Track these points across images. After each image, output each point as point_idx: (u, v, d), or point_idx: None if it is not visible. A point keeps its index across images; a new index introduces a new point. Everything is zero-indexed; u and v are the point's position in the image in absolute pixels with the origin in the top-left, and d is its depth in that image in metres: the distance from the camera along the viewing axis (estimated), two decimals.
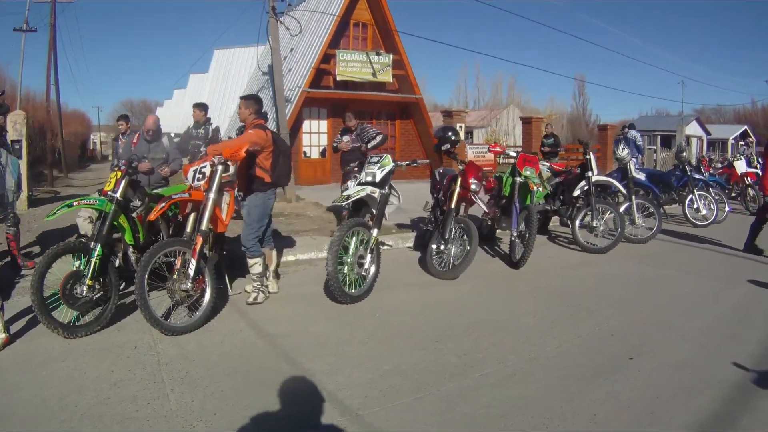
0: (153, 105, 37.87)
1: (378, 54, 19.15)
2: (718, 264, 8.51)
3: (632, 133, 16.61)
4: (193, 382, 4.22)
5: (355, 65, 18.96)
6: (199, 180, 5.90)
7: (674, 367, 4.60)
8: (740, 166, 15.60)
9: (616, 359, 4.77)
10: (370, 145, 9.98)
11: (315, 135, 19.60)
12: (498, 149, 9.21)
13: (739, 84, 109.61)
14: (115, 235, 5.88)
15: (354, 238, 6.51)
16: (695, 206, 12.12)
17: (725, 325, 5.65)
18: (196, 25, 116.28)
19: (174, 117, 30.75)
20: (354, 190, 6.79)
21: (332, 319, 5.79)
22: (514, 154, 8.74)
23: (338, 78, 18.91)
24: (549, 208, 10.40)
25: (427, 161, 8.13)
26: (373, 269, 6.69)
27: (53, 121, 30.28)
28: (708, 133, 54.83)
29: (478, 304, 6.39)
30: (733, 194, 15.97)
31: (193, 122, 10.49)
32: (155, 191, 6.78)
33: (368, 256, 6.58)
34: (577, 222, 9.38)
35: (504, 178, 8.78)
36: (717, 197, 12.55)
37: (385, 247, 9.15)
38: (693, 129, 51.17)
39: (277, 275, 7.03)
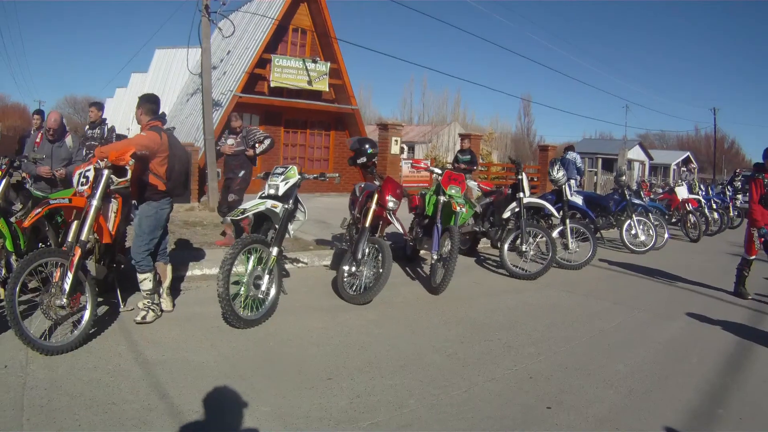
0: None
1: (314, 61, 18.37)
2: (654, 294, 7.99)
3: (571, 155, 16.23)
4: (51, 413, 3.70)
5: (290, 72, 18.16)
6: (82, 185, 5.33)
7: (597, 420, 3.92)
8: (681, 192, 15.16)
9: (532, 409, 4.07)
10: (258, 150, 9.17)
11: None
12: (421, 165, 8.55)
13: (684, 111, 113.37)
14: None
15: (252, 257, 5.84)
16: (633, 232, 11.71)
17: (657, 367, 5.01)
18: (139, 23, 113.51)
19: (114, 116, 29.56)
20: (252, 203, 6.06)
21: (220, 346, 5.10)
22: (440, 171, 8.09)
23: (272, 84, 18.05)
24: (477, 229, 9.78)
25: (336, 175, 7.40)
26: (273, 291, 5.99)
27: None
28: (650, 158, 55.87)
29: (385, 335, 5.63)
30: (674, 220, 15.61)
31: (89, 122, 9.59)
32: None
33: (266, 277, 5.85)
34: (506, 245, 8.73)
35: (428, 197, 8.13)
36: (656, 223, 12.20)
37: (300, 265, 8.49)
38: (635, 153, 52.00)
39: (172, 292, 6.27)
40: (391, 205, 7.11)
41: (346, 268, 6.91)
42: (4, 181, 5.33)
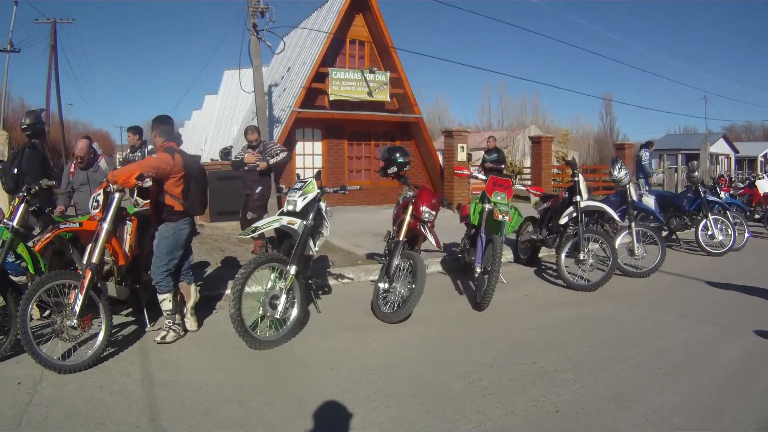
0: (177, 125, 38.60)
1: (372, 72, 18.02)
2: (728, 304, 7.08)
3: (642, 153, 15.24)
4: (44, 431, 3.78)
5: (349, 84, 17.93)
6: (94, 208, 5.52)
7: None
8: (763, 186, 13.84)
9: None
10: (272, 162, 8.89)
11: (309, 157, 18.57)
12: (465, 172, 8.02)
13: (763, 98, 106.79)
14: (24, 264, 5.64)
15: (273, 275, 5.66)
16: (710, 232, 10.68)
17: (713, 397, 4.26)
18: (208, 45, 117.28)
19: (191, 137, 30.82)
20: (266, 220, 5.86)
21: (231, 368, 4.96)
22: (484, 178, 7.57)
23: (331, 98, 17.88)
24: (536, 237, 9.15)
25: (358, 187, 7.03)
26: (295, 311, 5.73)
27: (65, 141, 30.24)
28: (736, 151, 52.76)
29: (409, 357, 5.18)
30: (757, 216, 14.05)
31: (130, 147, 9.66)
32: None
33: (283, 297, 5.56)
34: (563, 254, 8.05)
35: (472, 206, 7.60)
36: (736, 221, 11.16)
37: (345, 281, 8.21)
38: (720, 147, 49.29)
39: (204, 311, 6.45)
40: (426, 216, 6.68)
41: (381, 285, 6.56)
42: (22, 207, 5.37)
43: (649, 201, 11.83)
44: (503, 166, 14.52)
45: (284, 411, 4.04)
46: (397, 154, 6.99)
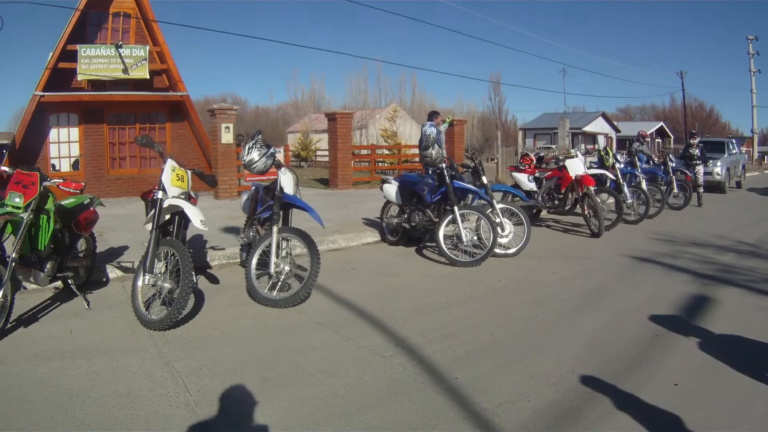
0: None
1: (119, 46, 15.29)
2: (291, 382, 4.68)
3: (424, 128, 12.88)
4: None
5: (100, 62, 15.23)
6: None
7: None
8: (574, 167, 10.64)
9: None
10: None
11: (65, 144, 15.95)
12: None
13: (660, 78, 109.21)
14: None
15: None
16: (459, 233, 8.13)
17: None
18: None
19: None
20: None
21: None
22: (8, 170, 5.28)
23: (79, 77, 15.23)
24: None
25: None
26: None
27: None
28: (617, 130, 51.66)
29: None
30: (575, 205, 11.06)
31: None
32: None
33: None
34: (139, 281, 5.52)
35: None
36: (513, 216, 8.85)
37: None
38: (599, 126, 48.30)
39: None
40: None
41: None
42: None
43: (390, 189, 9.43)
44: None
45: None
46: None
